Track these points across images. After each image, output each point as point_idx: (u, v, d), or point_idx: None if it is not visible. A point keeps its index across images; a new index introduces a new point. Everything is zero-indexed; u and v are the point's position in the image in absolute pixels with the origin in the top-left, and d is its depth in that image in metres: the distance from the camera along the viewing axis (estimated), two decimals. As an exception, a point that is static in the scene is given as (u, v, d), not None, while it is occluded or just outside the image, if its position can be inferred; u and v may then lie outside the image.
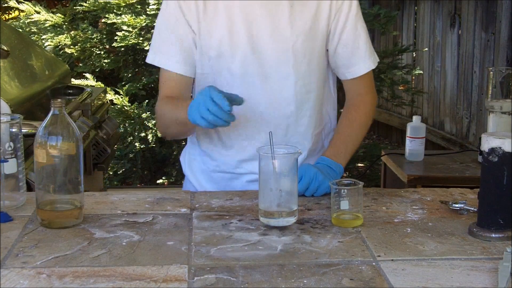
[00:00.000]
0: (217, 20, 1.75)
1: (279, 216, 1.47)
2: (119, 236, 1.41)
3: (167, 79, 1.82)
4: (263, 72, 1.76)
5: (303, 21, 1.76)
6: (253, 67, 1.76)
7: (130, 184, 4.70)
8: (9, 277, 1.21)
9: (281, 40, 1.75)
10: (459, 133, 5.24)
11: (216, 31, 1.75)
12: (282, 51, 1.76)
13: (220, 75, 1.78)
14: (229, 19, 1.74)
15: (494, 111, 2.61)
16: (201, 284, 1.18)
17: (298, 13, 1.75)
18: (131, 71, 4.76)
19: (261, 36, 1.75)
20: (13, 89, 2.59)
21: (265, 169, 1.47)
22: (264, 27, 1.74)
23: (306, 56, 1.78)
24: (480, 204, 1.43)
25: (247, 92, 1.74)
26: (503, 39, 4.57)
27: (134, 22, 4.39)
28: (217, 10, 1.75)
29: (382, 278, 1.22)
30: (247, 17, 1.74)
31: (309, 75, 1.80)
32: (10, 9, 6.18)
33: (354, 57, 1.83)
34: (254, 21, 1.74)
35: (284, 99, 1.79)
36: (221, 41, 1.75)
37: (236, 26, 1.74)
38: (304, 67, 1.79)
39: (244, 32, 1.74)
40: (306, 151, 1.86)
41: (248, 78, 1.76)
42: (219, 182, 1.87)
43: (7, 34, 2.97)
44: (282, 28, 1.75)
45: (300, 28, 1.76)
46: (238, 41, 1.74)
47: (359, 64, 1.84)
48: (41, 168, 1.44)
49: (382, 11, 4.58)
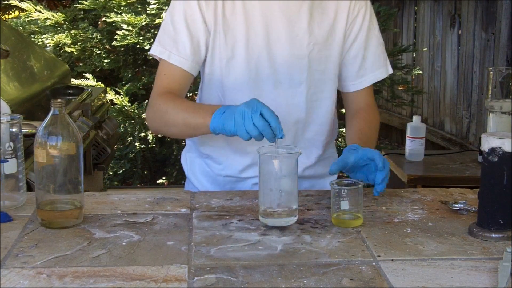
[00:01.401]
0: (235, 21, 1.72)
1: (279, 216, 1.47)
2: (119, 236, 1.41)
3: (170, 72, 1.75)
4: (276, 78, 1.75)
5: (321, 30, 1.76)
6: (267, 71, 1.75)
7: (130, 184, 4.70)
8: (9, 277, 1.20)
9: (297, 48, 1.74)
10: (459, 133, 5.24)
11: (233, 32, 1.73)
12: (297, 59, 1.75)
13: (229, 76, 1.76)
14: (248, 21, 1.72)
15: (494, 111, 2.61)
16: (201, 284, 1.18)
17: (316, 21, 1.75)
18: (131, 71, 4.76)
19: (278, 42, 1.73)
20: (13, 89, 2.59)
21: (265, 169, 1.47)
22: (282, 33, 1.73)
23: (321, 65, 1.78)
24: (480, 204, 1.43)
25: (257, 96, 1.73)
26: (503, 39, 4.57)
27: (134, 21, 4.39)
28: (236, 12, 1.73)
29: (382, 278, 1.22)
30: (266, 21, 1.73)
31: (322, 84, 1.80)
32: (10, 9, 6.19)
33: (361, 70, 1.84)
34: (272, 26, 1.73)
35: (294, 106, 1.78)
36: (237, 42, 1.73)
37: (254, 29, 1.73)
38: (318, 76, 1.79)
39: (261, 36, 1.73)
40: (314, 158, 1.86)
41: (260, 82, 1.75)
42: (224, 185, 1.87)
43: (7, 34, 2.97)
44: (300, 36, 1.74)
45: (318, 37, 1.75)
46: (255, 44, 1.73)
47: (366, 76, 1.85)
48: (41, 168, 1.44)
49: (382, 8, 4.58)
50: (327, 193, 1.73)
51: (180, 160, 2.03)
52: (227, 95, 1.77)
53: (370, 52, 1.84)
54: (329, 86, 1.82)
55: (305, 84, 1.77)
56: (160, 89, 1.75)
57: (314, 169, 1.88)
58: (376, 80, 1.87)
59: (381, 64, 1.86)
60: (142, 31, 4.51)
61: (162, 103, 1.72)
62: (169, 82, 1.75)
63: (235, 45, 1.73)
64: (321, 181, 1.91)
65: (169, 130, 1.79)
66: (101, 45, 4.74)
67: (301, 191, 1.70)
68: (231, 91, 1.76)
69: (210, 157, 1.87)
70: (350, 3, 1.79)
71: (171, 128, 1.75)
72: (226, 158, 1.84)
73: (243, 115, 1.50)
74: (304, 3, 1.74)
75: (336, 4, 1.78)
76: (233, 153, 1.82)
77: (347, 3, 1.79)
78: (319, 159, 1.88)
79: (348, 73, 1.85)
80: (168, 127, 1.75)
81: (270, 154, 1.47)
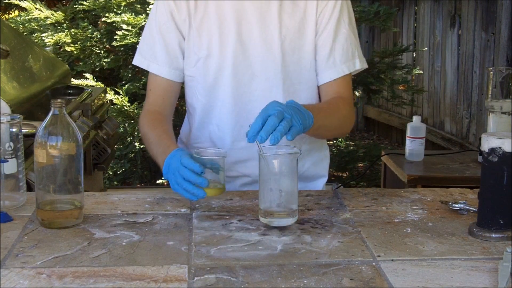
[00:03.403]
0: (208, 19, 1.75)
1: (279, 216, 1.47)
2: (119, 236, 1.41)
3: (154, 86, 1.82)
4: (251, 71, 1.76)
5: (292, 21, 1.76)
6: (242, 65, 1.76)
7: (130, 184, 4.69)
8: (9, 277, 1.20)
9: (269, 39, 1.75)
10: (459, 133, 5.24)
11: (206, 30, 1.75)
12: (270, 50, 1.75)
13: (208, 75, 1.78)
14: (220, 18, 1.75)
15: (494, 111, 2.61)
16: (201, 284, 1.18)
17: (287, 12, 1.75)
18: (131, 71, 4.75)
19: (251, 35, 1.75)
20: (13, 89, 2.59)
21: (265, 169, 1.47)
22: (254, 26, 1.74)
23: (295, 56, 1.77)
24: (480, 204, 1.43)
25: (237, 91, 1.76)
26: (503, 39, 4.57)
27: (134, 21, 4.39)
28: (208, 9, 1.75)
29: (382, 278, 1.22)
30: (238, 15, 1.74)
31: (298, 75, 1.79)
32: (10, 9, 6.19)
33: (329, 61, 1.79)
34: (244, 20, 1.74)
35: (272, 99, 1.74)
36: (211, 40, 1.75)
37: (226, 25, 1.74)
38: (293, 67, 1.78)
39: (234, 31, 1.74)
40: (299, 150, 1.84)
41: (238, 76, 1.76)
42: None
43: (6, 34, 2.97)
44: (271, 28, 1.75)
45: (290, 28, 1.76)
46: (228, 40, 1.75)
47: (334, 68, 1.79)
48: (41, 168, 1.44)
49: (382, 8, 4.58)
50: (327, 193, 1.73)
51: None
52: (209, 93, 1.80)
53: (339, 44, 1.78)
54: (306, 76, 1.80)
55: (280, 75, 1.77)
56: (147, 106, 1.85)
57: (303, 169, 1.85)
58: (344, 73, 1.79)
59: (349, 57, 1.80)
60: (142, 31, 4.50)
61: (142, 124, 1.80)
62: (155, 99, 1.83)
63: (210, 44, 1.76)
64: (310, 184, 1.90)
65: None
66: (101, 45, 4.74)
67: (301, 191, 1.70)
68: (212, 89, 1.79)
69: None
70: None
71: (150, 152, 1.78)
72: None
73: (174, 172, 1.51)
74: None
75: None
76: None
77: None
78: (306, 151, 1.83)
79: (318, 63, 1.80)
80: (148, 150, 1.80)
81: (270, 154, 1.47)
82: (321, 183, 1.94)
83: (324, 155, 1.95)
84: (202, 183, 1.47)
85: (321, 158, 1.94)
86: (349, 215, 1.55)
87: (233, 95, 1.77)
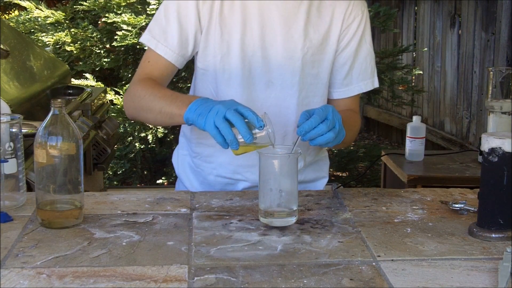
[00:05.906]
0: (232, 18, 1.72)
1: (279, 216, 1.47)
2: (119, 236, 1.41)
3: (154, 60, 1.76)
4: (268, 78, 1.75)
5: (317, 34, 1.75)
6: (260, 70, 1.74)
7: (130, 184, 4.70)
8: (9, 277, 1.21)
9: (292, 50, 1.73)
10: (459, 133, 5.25)
11: (229, 29, 1.72)
12: (291, 61, 1.74)
13: (223, 72, 1.75)
14: (245, 19, 1.72)
15: (494, 111, 2.61)
16: (201, 284, 1.18)
17: (313, 24, 1.75)
18: (131, 71, 4.75)
19: (273, 42, 1.73)
20: (13, 89, 2.59)
21: (265, 169, 1.47)
22: (278, 34, 1.73)
23: (314, 69, 1.77)
24: (480, 204, 1.43)
25: (251, 95, 1.74)
26: (503, 39, 4.57)
27: (134, 21, 4.39)
28: (234, 9, 1.72)
29: (382, 278, 1.22)
30: (263, 20, 1.72)
31: (314, 87, 1.79)
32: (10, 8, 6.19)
33: (347, 79, 1.82)
34: (269, 26, 1.72)
35: (285, 108, 1.77)
36: (233, 40, 1.72)
37: (251, 28, 1.72)
38: (311, 80, 1.78)
39: (257, 35, 1.72)
40: (303, 162, 1.84)
41: (253, 80, 1.75)
42: (214, 186, 1.85)
43: (6, 34, 2.97)
44: (296, 38, 1.73)
45: (313, 40, 1.75)
46: (250, 42, 1.73)
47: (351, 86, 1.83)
48: (41, 168, 1.44)
49: (382, 8, 4.58)
50: (327, 193, 1.73)
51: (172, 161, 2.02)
52: (220, 90, 1.77)
53: (358, 63, 1.82)
54: (322, 90, 1.81)
55: (297, 86, 1.76)
56: (142, 75, 1.76)
57: (304, 174, 1.85)
58: (360, 91, 1.85)
59: (368, 75, 1.84)
60: (142, 31, 4.50)
61: (140, 88, 1.72)
62: (152, 70, 1.76)
63: (230, 42, 1.73)
64: (310, 185, 1.90)
65: (144, 115, 1.75)
66: (100, 44, 4.74)
67: (301, 191, 1.70)
68: (225, 87, 1.76)
69: (201, 155, 1.85)
70: (346, 9, 1.77)
71: (147, 113, 1.72)
72: (217, 157, 1.82)
73: (217, 111, 1.48)
74: (303, 4, 1.73)
75: (332, 8, 1.77)
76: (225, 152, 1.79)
77: (344, 8, 1.77)
78: (308, 163, 1.87)
79: (334, 80, 1.83)
80: (144, 112, 1.72)
81: (270, 154, 1.47)
82: (322, 184, 1.94)
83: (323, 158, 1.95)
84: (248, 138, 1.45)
85: (321, 161, 1.94)
86: (349, 215, 1.55)
87: (246, 98, 1.73)
